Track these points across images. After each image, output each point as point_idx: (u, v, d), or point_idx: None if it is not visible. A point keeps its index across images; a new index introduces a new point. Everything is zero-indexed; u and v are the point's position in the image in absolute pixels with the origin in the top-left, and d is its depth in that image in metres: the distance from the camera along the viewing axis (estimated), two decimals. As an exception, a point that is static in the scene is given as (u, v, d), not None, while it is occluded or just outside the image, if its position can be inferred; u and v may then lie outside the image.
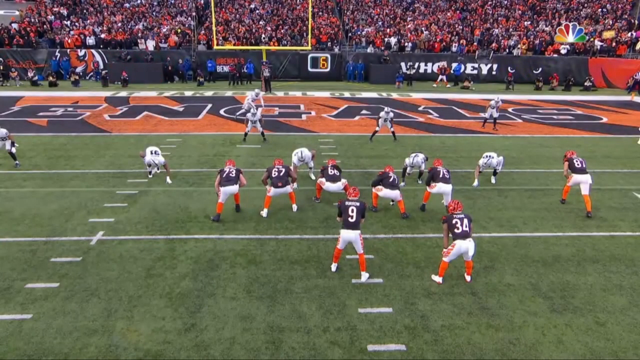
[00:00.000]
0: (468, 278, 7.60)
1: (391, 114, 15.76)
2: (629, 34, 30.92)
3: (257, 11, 34.79)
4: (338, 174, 10.32)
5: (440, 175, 9.83)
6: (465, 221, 7.29)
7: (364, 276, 7.49)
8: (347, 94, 26.08)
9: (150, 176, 11.87)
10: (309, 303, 6.85)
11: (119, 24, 31.77)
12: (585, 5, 35.59)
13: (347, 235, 7.36)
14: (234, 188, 9.40)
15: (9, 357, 5.70)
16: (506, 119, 20.27)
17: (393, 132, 16.00)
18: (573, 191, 10.70)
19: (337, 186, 10.23)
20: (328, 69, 30.90)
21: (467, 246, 7.18)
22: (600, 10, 34.67)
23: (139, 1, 34.91)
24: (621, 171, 13.30)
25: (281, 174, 9.70)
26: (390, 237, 9.00)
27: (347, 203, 7.48)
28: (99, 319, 6.38)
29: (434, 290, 7.32)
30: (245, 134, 15.53)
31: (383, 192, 9.84)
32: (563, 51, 30.80)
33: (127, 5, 34.35)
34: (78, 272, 7.53)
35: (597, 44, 30.66)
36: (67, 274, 7.45)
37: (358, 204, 7.47)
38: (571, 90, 28.69)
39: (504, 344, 6.16)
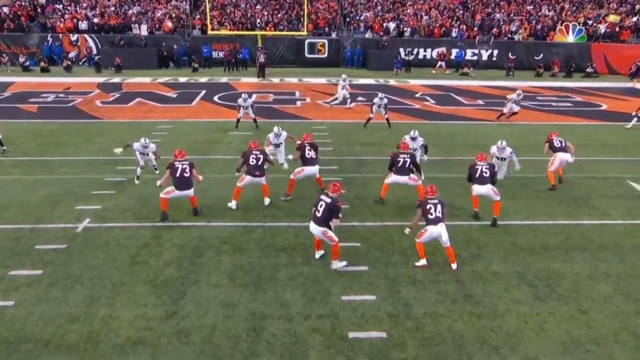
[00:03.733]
0: (454, 266, 7.66)
1: (385, 100, 15.77)
2: (633, 19, 30.65)
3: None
4: (315, 156, 9.94)
5: (477, 175, 9.08)
6: (439, 207, 7.46)
7: (335, 264, 7.46)
8: (344, 81, 25.96)
9: (137, 182, 10.84)
10: (292, 290, 6.93)
11: (112, 8, 31.55)
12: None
13: (312, 228, 7.36)
14: (189, 192, 8.97)
15: (-9, 343, 5.80)
16: (504, 105, 20.14)
17: (387, 119, 16.00)
18: (565, 181, 10.74)
19: (315, 170, 9.94)
20: (325, 55, 30.68)
21: (439, 231, 7.36)
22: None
23: (133, -15, 34.60)
24: (617, 159, 13.32)
25: (259, 162, 9.31)
26: (378, 225, 9.05)
27: (321, 196, 7.36)
28: (81, 306, 6.46)
29: (419, 278, 7.40)
30: (238, 121, 15.52)
31: (391, 178, 9.63)
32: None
33: (120, -12, 34.06)
34: (63, 259, 7.61)
35: (602, 28, 30.36)
36: (52, 261, 7.53)
37: (329, 200, 7.19)
38: (572, 76, 28.53)
39: (486, 331, 6.24)
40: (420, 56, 31.20)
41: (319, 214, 7.19)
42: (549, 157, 11.45)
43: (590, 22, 31.06)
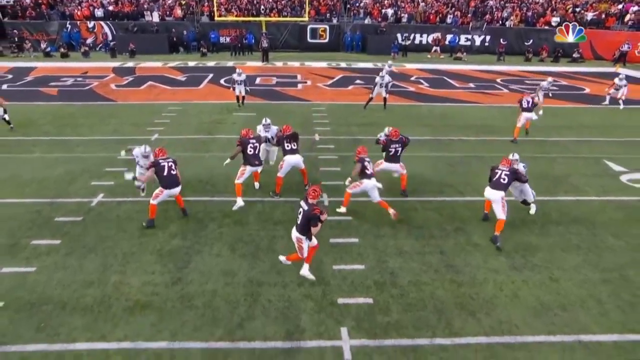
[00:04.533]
0: (392, 211, 8.19)
1: (386, 79, 15.54)
2: (619, 6, 29.94)
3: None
4: (295, 147, 8.99)
5: (495, 178, 7.78)
6: (372, 165, 8.22)
7: (283, 258, 6.78)
8: (343, 64, 25.68)
9: (142, 193, 9.07)
10: (288, 260, 7.03)
11: (126, -4, 31.08)
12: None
13: (292, 233, 6.48)
14: (177, 190, 7.97)
15: (14, 305, 5.97)
16: (494, 89, 20.01)
17: (385, 99, 15.83)
18: (547, 161, 10.71)
19: (297, 159, 8.98)
20: (327, 40, 30.21)
21: (372, 185, 8.11)
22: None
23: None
24: (596, 139, 13.21)
25: (256, 150, 8.65)
26: (369, 200, 9.03)
27: (300, 202, 6.34)
28: (95, 273, 6.60)
29: (405, 250, 7.48)
30: (237, 99, 15.46)
31: (383, 165, 9.12)
32: (554, 23, 29.87)
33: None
34: (79, 230, 7.73)
35: (589, 15, 29.71)
36: (69, 232, 7.65)
37: (306, 207, 6.16)
38: (559, 61, 28.06)
39: (464, 298, 6.35)
40: (417, 41, 30.68)
41: (298, 221, 6.30)
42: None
43: (578, 10, 30.36)
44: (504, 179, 7.68)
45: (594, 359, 5.33)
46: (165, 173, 7.72)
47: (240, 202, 8.63)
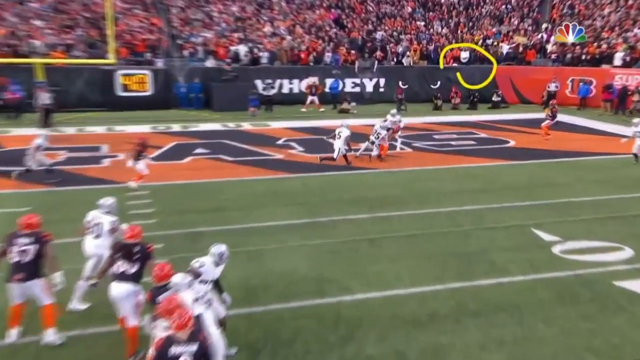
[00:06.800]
0: None
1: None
2: (538, 36, 35.53)
3: (30, 4, 32.61)
4: (133, 270, 8.10)
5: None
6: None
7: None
8: (177, 127, 26.56)
9: None
10: None
11: None
12: (487, 1, 40.31)
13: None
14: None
15: None
16: (392, 148, 21.97)
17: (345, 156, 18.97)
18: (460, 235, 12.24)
19: (126, 290, 8.02)
20: (149, 92, 31.04)
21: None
22: (504, 7, 39.53)
23: None
24: (521, 204, 15.44)
25: (27, 258, 8.16)
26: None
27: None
28: None
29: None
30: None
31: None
32: (464, 58, 34.27)
33: None
34: None
35: (505, 47, 34.72)
36: None
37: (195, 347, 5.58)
38: (477, 108, 32.19)
39: None
40: (285, 90, 33.05)
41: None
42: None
43: (490, 41, 35.57)
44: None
45: None
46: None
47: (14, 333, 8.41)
